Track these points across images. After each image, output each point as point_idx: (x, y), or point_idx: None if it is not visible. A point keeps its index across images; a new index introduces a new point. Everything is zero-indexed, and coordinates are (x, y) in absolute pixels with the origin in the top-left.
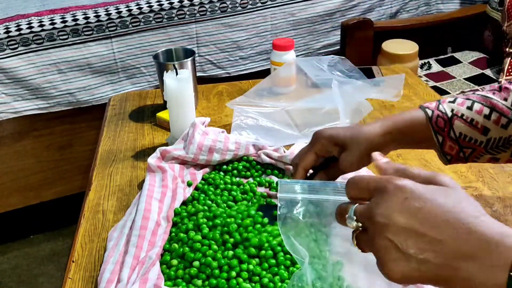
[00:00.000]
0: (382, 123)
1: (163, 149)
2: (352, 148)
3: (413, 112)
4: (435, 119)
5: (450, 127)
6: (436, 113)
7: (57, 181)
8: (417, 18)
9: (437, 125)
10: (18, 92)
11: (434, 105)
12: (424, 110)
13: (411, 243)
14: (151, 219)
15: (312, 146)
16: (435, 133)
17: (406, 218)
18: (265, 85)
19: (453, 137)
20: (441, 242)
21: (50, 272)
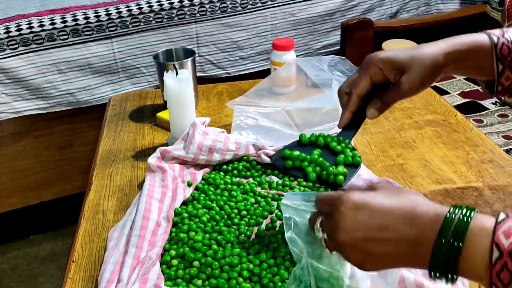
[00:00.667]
0: (445, 42)
1: (163, 149)
2: (414, 69)
3: (476, 36)
4: (500, 46)
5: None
6: (501, 40)
7: (57, 181)
8: (417, 18)
9: (501, 52)
10: (18, 92)
11: (500, 32)
12: (489, 35)
13: (370, 246)
14: (151, 219)
15: (366, 70)
16: (497, 61)
17: (362, 231)
18: (265, 85)
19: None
20: (391, 239)
21: (50, 272)
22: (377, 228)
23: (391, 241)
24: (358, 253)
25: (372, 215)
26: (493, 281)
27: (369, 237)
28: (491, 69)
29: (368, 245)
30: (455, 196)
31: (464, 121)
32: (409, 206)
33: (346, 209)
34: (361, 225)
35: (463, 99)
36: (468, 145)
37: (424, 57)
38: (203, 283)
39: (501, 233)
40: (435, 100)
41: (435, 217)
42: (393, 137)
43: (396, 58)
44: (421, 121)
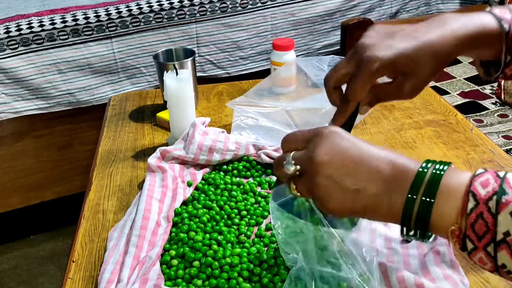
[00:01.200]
0: (450, 30)
1: (163, 149)
2: (422, 70)
3: (484, 19)
4: (511, 35)
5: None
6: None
7: (57, 181)
8: (417, 18)
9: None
10: (18, 92)
11: (510, 18)
12: (500, 21)
13: (347, 176)
14: (151, 219)
15: (369, 78)
16: (506, 51)
17: (342, 156)
18: (265, 85)
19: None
20: (368, 174)
21: (50, 272)
22: (357, 159)
23: (366, 177)
24: (331, 182)
25: (355, 147)
26: (467, 233)
27: (346, 165)
28: (495, 56)
29: (342, 175)
30: None
31: (464, 121)
32: (393, 153)
33: (330, 134)
34: (342, 151)
35: (463, 99)
36: (468, 145)
37: (432, 55)
38: (203, 283)
39: (478, 183)
40: (435, 100)
41: (412, 169)
42: (393, 137)
43: (399, 62)
44: (421, 121)
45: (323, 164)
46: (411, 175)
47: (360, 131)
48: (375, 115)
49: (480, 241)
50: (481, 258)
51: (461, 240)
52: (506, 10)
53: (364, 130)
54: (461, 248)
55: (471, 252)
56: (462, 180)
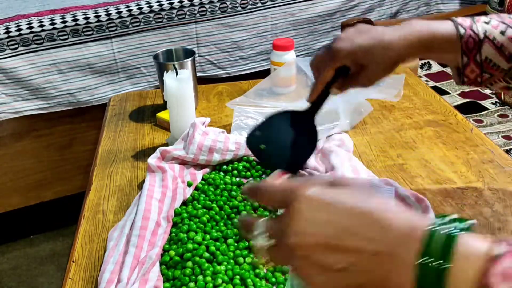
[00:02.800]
0: (406, 33)
1: (163, 149)
2: (374, 64)
3: (443, 25)
4: (466, 39)
5: (478, 50)
6: (468, 33)
7: (57, 181)
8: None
9: (467, 45)
10: (18, 92)
11: (468, 24)
12: (457, 27)
13: (326, 256)
14: (151, 219)
15: (330, 61)
16: (462, 54)
17: (317, 235)
18: (265, 85)
19: (478, 61)
20: (355, 249)
21: (50, 272)
22: (339, 233)
23: (353, 251)
24: (310, 264)
25: (333, 217)
26: None
27: (326, 244)
28: (455, 60)
29: (324, 254)
30: (455, 196)
31: (464, 121)
32: (381, 210)
33: (302, 206)
34: (318, 227)
35: (463, 99)
36: (468, 145)
37: (385, 54)
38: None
39: (498, 275)
40: (435, 100)
41: (411, 231)
42: (393, 137)
43: (359, 52)
44: (421, 121)
45: (296, 248)
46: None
47: (360, 131)
48: (375, 115)
49: None
50: None
51: None
52: (468, 19)
53: (364, 130)
54: None
55: None
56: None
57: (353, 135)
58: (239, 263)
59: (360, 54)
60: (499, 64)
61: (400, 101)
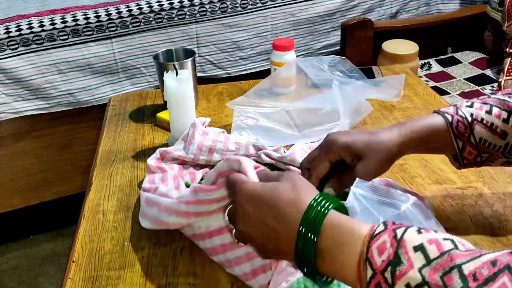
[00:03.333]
0: (399, 130)
1: (163, 150)
2: (369, 157)
3: (430, 117)
4: (455, 124)
5: (471, 132)
6: (456, 118)
7: (57, 181)
8: (417, 18)
9: (458, 130)
10: (18, 93)
11: (453, 110)
12: (443, 115)
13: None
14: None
15: (325, 154)
16: (455, 139)
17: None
18: (265, 85)
19: (473, 143)
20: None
21: (50, 272)
22: (258, 221)
23: (268, 235)
24: (256, 243)
25: (256, 207)
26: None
27: (255, 230)
28: (451, 147)
29: (258, 237)
30: (455, 196)
31: None
32: (274, 200)
33: (239, 200)
34: (249, 217)
35: (463, 99)
36: None
37: (379, 148)
38: None
39: (374, 248)
40: (435, 100)
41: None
42: None
43: (353, 146)
44: None
45: (245, 233)
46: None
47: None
48: (375, 115)
49: None
50: None
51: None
52: (451, 107)
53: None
54: None
55: None
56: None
57: None
58: None
59: (357, 145)
60: (495, 143)
61: (400, 101)
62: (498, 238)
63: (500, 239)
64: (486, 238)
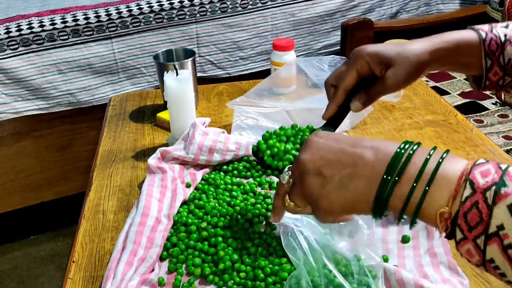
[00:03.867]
0: (431, 40)
1: (163, 150)
2: (399, 64)
3: (464, 32)
4: (488, 42)
5: (501, 52)
6: (490, 35)
7: (58, 181)
8: (417, 19)
9: (490, 48)
10: (18, 93)
11: (487, 28)
12: (478, 32)
13: (330, 168)
14: (150, 216)
15: (353, 63)
16: (485, 56)
17: (322, 151)
18: (266, 85)
19: (502, 63)
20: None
21: (50, 272)
22: (337, 150)
23: (350, 165)
24: (316, 178)
25: (335, 140)
26: (458, 222)
27: (328, 158)
28: (479, 64)
29: (326, 168)
30: None
31: (464, 122)
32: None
33: (310, 138)
34: (321, 147)
35: (463, 99)
36: (468, 145)
37: (410, 54)
38: None
39: (478, 172)
40: (435, 100)
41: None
42: (393, 137)
43: (383, 52)
44: (421, 121)
45: (305, 162)
46: (389, 157)
47: (360, 131)
48: (375, 115)
49: (471, 231)
50: (468, 250)
51: (449, 226)
52: (486, 25)
53: (365, 131)
54: (448, 235)
55: (459, 242)
56: (459, 167)
57: (354, 135)
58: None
59: (387, 52)
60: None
61: (400, 101)
62: None
63: None
64: None
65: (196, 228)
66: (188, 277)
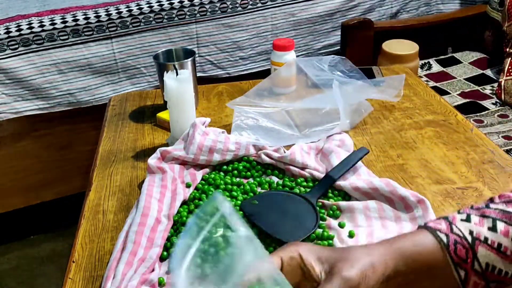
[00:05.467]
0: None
1: (163, 150)
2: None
3: (418, 238)
4: (453, 247)
5: (474, 257)
6: (452, 238)
7: (58, 181)
8: (417, 18)
9: (457, 254)
10: (18, 93)
11: (445, 226)
12: (435, 234)
13: None
14: (150, 216)
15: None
16: (455, 267)
17: None
18: (266, 85)
19: (479, 270)
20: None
21: (50, 272)
22: None
23: None
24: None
25: None
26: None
27: None
28: (448, 279)
29: None
30: (455, 196)
31: (464, 122)
32: None
33: None
34: None
35: (463, 99)
36: (468, 145)
37: None
38: None
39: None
40: (435, 100)
41: None
42: (393, 137)
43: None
44: (421, 121)
45: None
46: None
47: (360, 131)
48: (375, 115)
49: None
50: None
51: None
52: (442, 221)
53: (365, 131)
54: None
55: None
56: None
57: (354, 135)
58: None
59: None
60: (506, 269)
61: (400, 101)
62: None
63: None
64: None
65: None
66: None
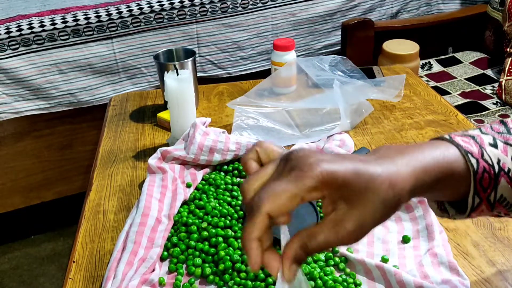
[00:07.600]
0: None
1: (164, 150)
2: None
3: (449, 158)
4: (480, 175)
5: (494, 187)
6: (481, 164)
7: (58, 181)
8: (418, 18)
9: (481, 184)
10: (19, 93)
11: (477, 151)
12: (466, 157)
13: None
14: (150, 215)
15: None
16: (474, 194)
17: None
18: (266, 85)
19: (491, 201)
20: None
21: (50, 272)
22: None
23: None
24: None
25: None
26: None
27: None
28: (457, 195)
29: None
30: None
31: (464, 122)
32: None
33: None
34: None
35: (463, 99)
36: None
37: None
38: None
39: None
40: (435, 100)
41: None
42: (394, 137)
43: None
44: (422, 121)
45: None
46: None
47: (361, 131)
48: (375, 115)
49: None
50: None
51: None
52: (471, 141)
53: (365, 131)
54: None
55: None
56: None
57: (354, 135)
58: None
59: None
60: None
61: (400, 101)
62: (499, 238)
63: (501, 240)
64: (487, 238)
65: (197, 228)
66: (189, 277)
